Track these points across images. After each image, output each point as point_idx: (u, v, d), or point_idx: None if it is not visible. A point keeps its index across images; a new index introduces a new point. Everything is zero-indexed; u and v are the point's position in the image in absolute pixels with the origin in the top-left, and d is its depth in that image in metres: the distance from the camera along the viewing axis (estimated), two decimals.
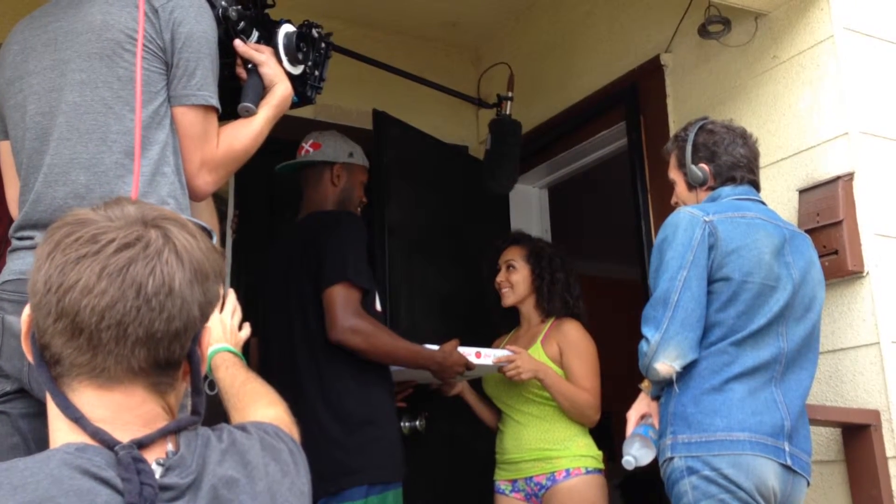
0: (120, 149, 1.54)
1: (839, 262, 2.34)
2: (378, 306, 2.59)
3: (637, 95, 3.20)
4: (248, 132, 1.71)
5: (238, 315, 1.58)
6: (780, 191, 2.56)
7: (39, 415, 1.51)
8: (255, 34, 1.81)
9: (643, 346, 2.01)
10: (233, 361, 1.44)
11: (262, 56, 1.79)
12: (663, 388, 2.06)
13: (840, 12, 2.50)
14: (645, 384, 2.14)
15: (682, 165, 2.25)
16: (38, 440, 1.50)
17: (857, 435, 2.28)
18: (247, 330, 1.54)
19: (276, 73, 1.80)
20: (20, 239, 1.58)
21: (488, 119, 3.50)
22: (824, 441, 2.39)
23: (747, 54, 2.75)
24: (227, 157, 1.67)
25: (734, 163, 2.19)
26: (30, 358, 0.94)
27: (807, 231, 2.31)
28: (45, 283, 0.89)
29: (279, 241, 2.76)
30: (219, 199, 2.89)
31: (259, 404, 1.28)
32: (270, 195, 3.50)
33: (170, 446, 0.93)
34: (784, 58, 2.63)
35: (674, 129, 2.97)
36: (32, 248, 1.53)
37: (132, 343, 0.89)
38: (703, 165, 2.21)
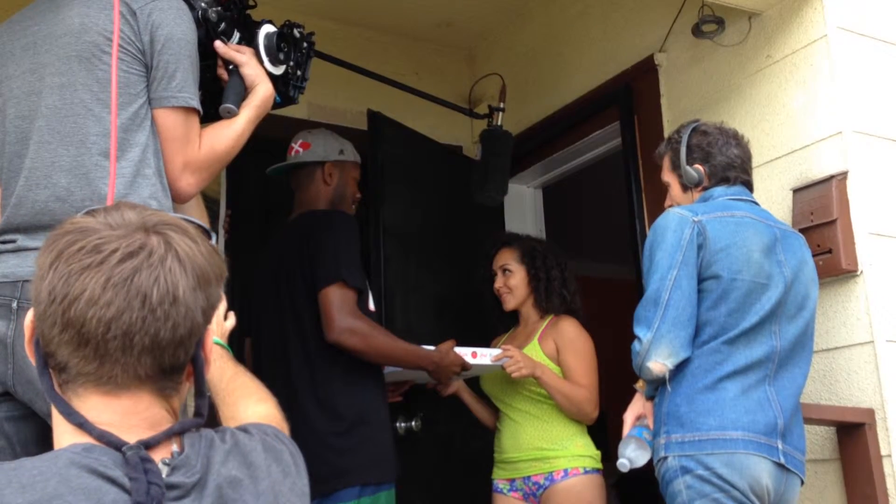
0: (98, 151, 1.55)
1: (833, 261, 2.34)
2: (372, 306, 2.58)
3: (631, 95, 3.20)
4: (229, 133, 1.71)
5: (223, 305, 1.57)
6: (773, 190, 2.57)
7: (24, 418, 1.51)
8: (237, 35, 1.81)
9: (636, 345, 2.01)
10: (220, 354, 1.43)
11: (242, 57, 1.79)
12: (657, 388, 2.06)
13: (833, 12, 2.50)
14: (640, 385, 2.14)
15: (676, 167, 2.25)
16: (22, 443, 1.51)
17: (851, 433, 2.29)
18: (231, 320, 1.53)
19: (257, 73, 1.79)
20: (3, 242, 1.57)
21: (479, 133, 3.50)
22: (819, 440, 2.39)
23: (741, 54, 2.75)
24: (209, 159, 1.67)
25: (728, 163, 2.20)
26: (33, 363, 0.95)
27: (801, 230, 2.32)
28: (49, 294, 0.90)
29: (272, 240, 2.76)
30: (210, 199, 2.89)
31: (250, 400, 1.28)
32: (263, 195, 3.49)
33: (175, 447, 0.94)
34: (778, 57, 2.63)
35: (668, 128, 2.97)
36: (15, 251, 1.54)
37: (138, 352, 0.90)
38: (698, 166, 2.21)
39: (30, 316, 0.95)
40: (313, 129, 2.80)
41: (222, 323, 1.52)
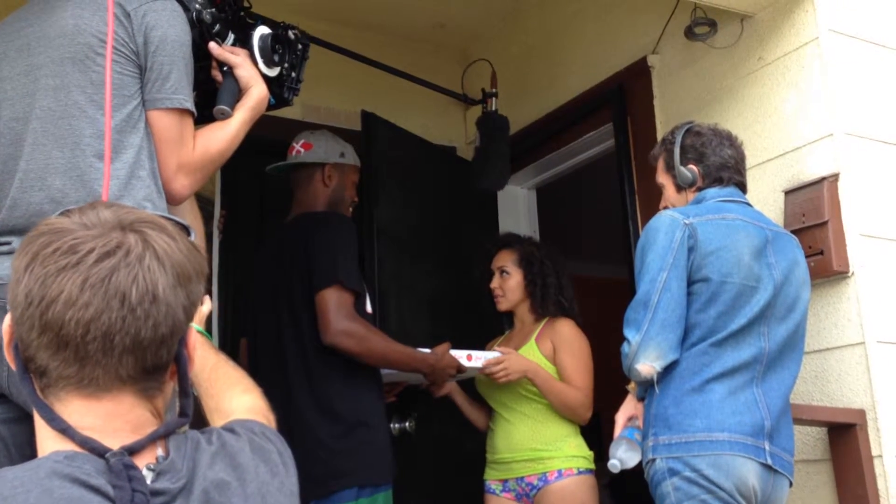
0: (93, 152, 1.54)
1: (824, 263, 2.35)
2: (368, 308, 2.59)
3: (624, 97, 3.21)
4: (223, 135, 1.71)
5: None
6: (765, 192, 2.58)
7: (19, 420, 1.50)
8: (231, 37, 1.81)
9: (625, 347, 2.02)
10: (201, 342, 1.37)
11: (237, 58, 1.79)
12: (647, 390, 2.07)
13: (825, 14, 2.51)
14: (632, 386, 2.15)
15: (670, 168, 2.26)
16: (18, 445, 1.50)
17: (842, 434, 2.30)
18: (208, 304, 1.52)
19: (251, 75, 1.79)
20: None
21: (476, 120, 3.52)
22: (810, 440, 2.40)
23: (733, 56, 2.77)
24: (203, 161, 1.67)
25: (722, 163, 2.21)
26: (14, 368, 0.93)
27: (792, 232, 2.33)
28: (26, 297, 0.88)
29: (268, 241, 2.76)
30: (205, 199, 2.89)
31: (234, 391, 1.26)
32: (259, 195, 3.49)
33: (159, 451, 0.92)
34: (769, 59, 2.64)
35: (661, 130, 2.98)
36: (10, 253, 1.53)
37: (119, 352, 0.88)
38: (692, 166, 2.22)
39: (7, 320, 0.93)
40: (315, 130, 2.80)
41: (199, 308, 1.50)
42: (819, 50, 2.50)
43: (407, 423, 3.07)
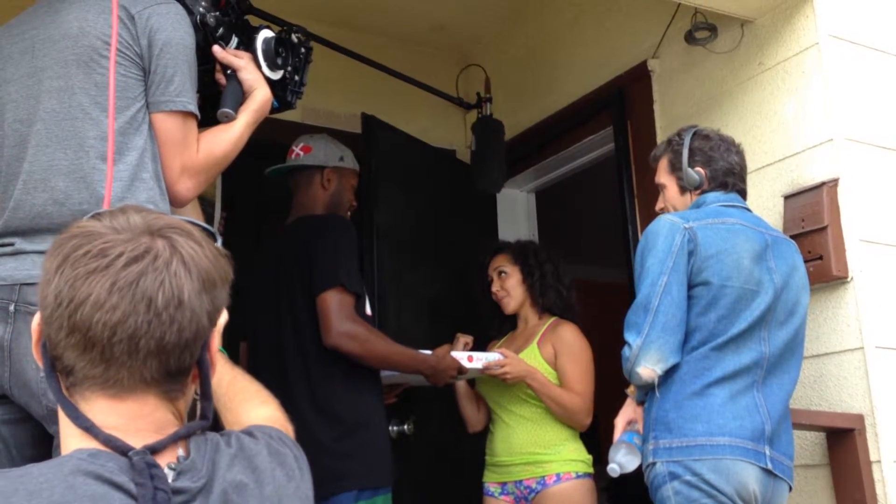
0: (96, 154, 1.55)
1: (824, 268, 2.36)
2: (368, 310, 2.59)
3: (624, 101, 3.22)
4: (227, 138, 1.72)
5: None
6: (765, 196, 2.58)
7: (20, 421, 1.51)
8: (235, 40, 1.82)
9: (625, 351, 2.03)
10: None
11: (240, 62, 1.79)
12: (647, 393, 2.07)
13: (825, 20, 2.52)
14: (631, 390, 2.15)
15: (676, 169, 2.26)
16: (19, 446, 1.51)
17: (841, 439, 2.30)
18: (224, 315, 1.52)
19: (255, 78, 1.80)
20: (1, 245, 1.57)
21: (472, 124, 3.55)
22: (809, 445, 2.41)
23: (733, 61, 2.77)
24: (206, 163, 1.68)
25: (729, 169, 2.22)
26: (41, 366, 0.95)
27: (792, 237, 2.33)
28: (55, 298, 0.90)
29: (268, 244, 2.76)
30: (205, 201, 2.89)
31: (252, 403, 1.29)
32: (258, 198, 3.49)
33: (180, 451, 0.94)
34: (770, 64, 2.65)
35: (660, 134, 2.99)
36: (13, 254, 1.54)
37: (144, 355, 0.91)
38: (700, 169, 2.22)
39: (37, 319, 0.95)
40: (315, 134, 2.81)
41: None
42: (819, 55, 2.50)
43: (405, 426, 3.07)
